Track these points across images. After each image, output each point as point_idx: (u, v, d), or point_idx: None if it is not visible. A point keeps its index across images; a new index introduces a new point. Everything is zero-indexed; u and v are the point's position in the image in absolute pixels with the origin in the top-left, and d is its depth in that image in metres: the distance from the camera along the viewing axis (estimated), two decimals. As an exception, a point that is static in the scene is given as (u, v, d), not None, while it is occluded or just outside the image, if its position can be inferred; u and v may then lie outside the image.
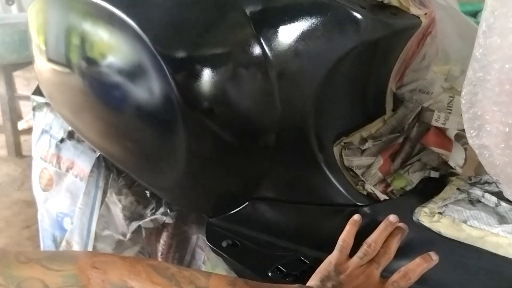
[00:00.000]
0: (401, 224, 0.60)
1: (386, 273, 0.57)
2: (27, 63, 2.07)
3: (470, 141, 0.47)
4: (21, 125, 2.46)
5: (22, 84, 2.98)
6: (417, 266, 0.55)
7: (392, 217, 0.60)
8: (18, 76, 2.77)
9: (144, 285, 0.42)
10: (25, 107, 2.53)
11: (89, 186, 0.86)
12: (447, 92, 0.74)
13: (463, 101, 0.44)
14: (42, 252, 0.41)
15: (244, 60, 0.58)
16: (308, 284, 0.56)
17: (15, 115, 2.34)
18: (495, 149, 0.45)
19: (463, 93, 0.44)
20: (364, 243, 0.59)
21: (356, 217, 0.62)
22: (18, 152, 2.31)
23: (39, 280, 0.38)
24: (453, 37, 0.77)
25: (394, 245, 0.58)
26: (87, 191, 0.86)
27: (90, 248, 0.87)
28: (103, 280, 0.41)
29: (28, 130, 1.23)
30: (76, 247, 0.88)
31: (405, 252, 0.59)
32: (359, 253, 0.58)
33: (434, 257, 0.55)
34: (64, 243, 0.90)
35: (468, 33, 0.72)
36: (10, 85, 2.25)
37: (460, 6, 0.82)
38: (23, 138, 2.33)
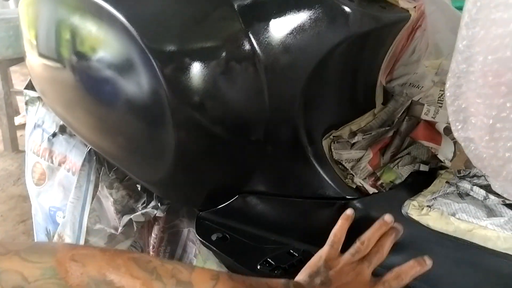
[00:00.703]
0: (395, 225, 0.59)
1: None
2: (22, 58, 2.07)
3: (455, 134, 0.47)
4: (18, 120, 2.47)
5: (19, 79, 2.98)
6: (410, 268, 0.55)
7: (387, 217, 0.59)
8: (15, 72, 2.77)
9: (123, 279, 0.42)
10: (22, 102, 2.52)
11: (80, 180, 0.86)
12: (437, 86, 0.73)
13: (448, 94, 0.44)
14: (21, 244, 0.41)
15: (232, 54, 0.58)
16: (296, 279, 0.55)
17: (12, 110, 2.34)
18: (480, 141, 0.45)
19: (447, 85, 0.44)
20: (357, 240, 0.58)
21: (349, 211, 0.61)
22: (14, 147, 2.32)
23: (17, 272, 0.38)
24: (444, 32, 0.77)
25: (388, 244, 0.58)
26: (79, 185, 0.86)
27: (82, 242, 0.87)
28: (82, 273, 0.40)
29: (25, 125, 1.24)
30: (68, 241, 0.88)
31: (394, 245, 0.59)
32: (351, 250, 0.57)
33: (428, 262, 0.55)
34: (56, 237, 0.90)
35: (460, 27, 0.72)
36: (6, 80, 2.26)
37: (452, 2, 0.82)
38: (19, 133, 2.34)
